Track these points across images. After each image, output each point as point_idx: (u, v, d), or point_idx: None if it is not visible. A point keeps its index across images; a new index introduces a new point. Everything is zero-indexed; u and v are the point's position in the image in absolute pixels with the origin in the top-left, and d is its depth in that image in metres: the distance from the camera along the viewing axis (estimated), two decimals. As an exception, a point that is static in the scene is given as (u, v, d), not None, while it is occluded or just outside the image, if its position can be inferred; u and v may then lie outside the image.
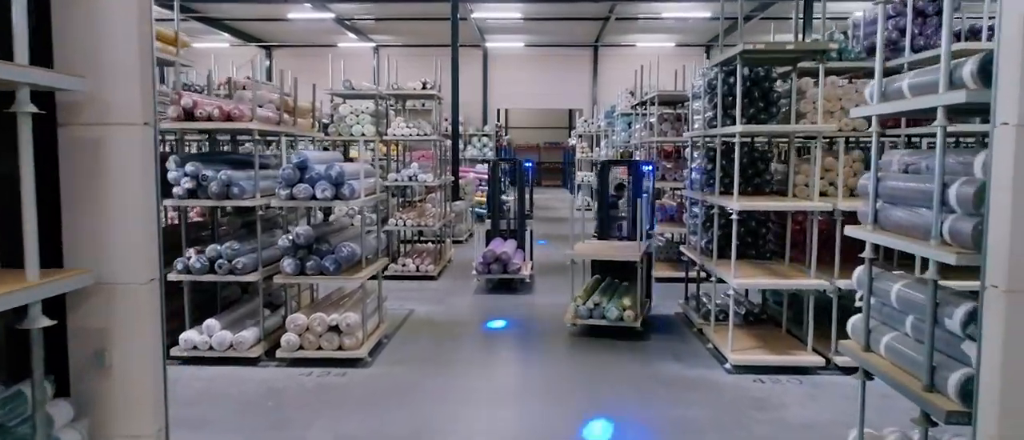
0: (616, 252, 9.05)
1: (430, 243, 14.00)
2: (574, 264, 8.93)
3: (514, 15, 23.79)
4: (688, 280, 9.61)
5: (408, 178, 12.32)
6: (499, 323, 9.13)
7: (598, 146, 23.93)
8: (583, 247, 9.22)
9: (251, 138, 7.39)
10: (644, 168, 10.77)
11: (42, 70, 2.73)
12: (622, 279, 9.26)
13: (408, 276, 11.89)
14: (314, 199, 7.01)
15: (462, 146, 26.00)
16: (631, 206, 9.97)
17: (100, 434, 3.10)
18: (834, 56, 8.15)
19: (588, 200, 24.91)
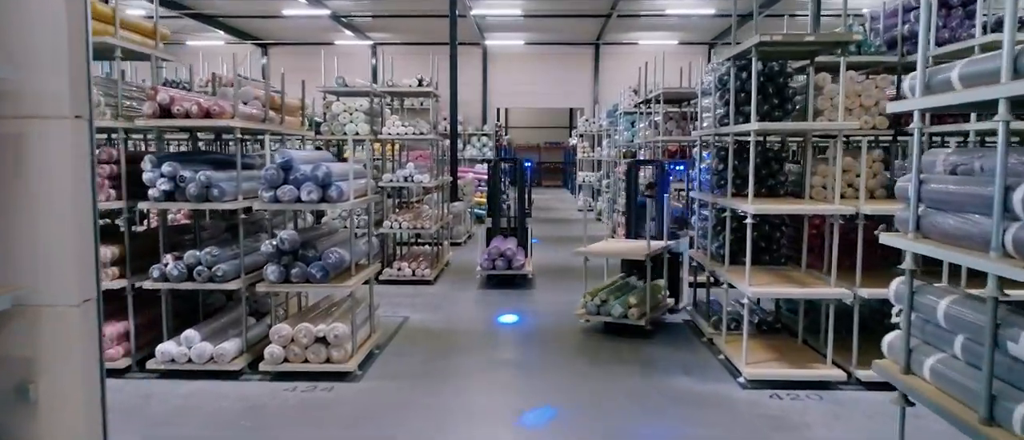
0: (625, 250, 9.14)
1: (427, 246, 13.53)
2: (587, 261, 9.01)
3: (514, 11, 23.33)
4: (696, 286, 9.15)
5: (404, 179, 11.85)
6: (500, 330, 8.67)
7: (600, 146, 23.48)
8: (594, 245, 9.29)
9: (234, 137, 6.93)
10: (675, 167, 10.53)
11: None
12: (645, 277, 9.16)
13: (403, 281, 11.43)
14: (299, 202, 6.55)
15: (461, 146, 25.55)
16: (658, 205, 10.10)
17: (26, 481, 2.64)
18: (853, 50, 7.71)
19: (589, 200, 24.50)
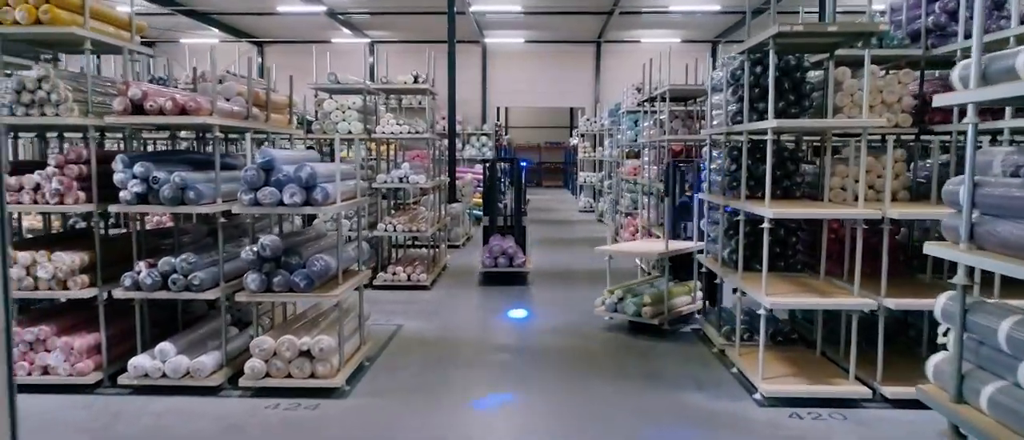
0: (644, 250, 9.41)
1: (424, 249, 13.06)
2: (611, 259, 9.36)
3: (514, 8, 22.84)
4: (706, 293, 8.68)
5: (399, 180, 11.38)
6: (498, 340, 8.20)
7: (601, 146, 23.03)
8: (615, 246, 9.79)
9: (213, 135, 6.45)
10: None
11: None
12: (683, 278, 9.44)
13: (398, 286, 10.95)
14: (281, 205, 6.08)
15: (460, 146, 25.11)
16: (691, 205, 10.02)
17: None
18: (874, 43, 7.24)
19: (590, 201, 24.03)
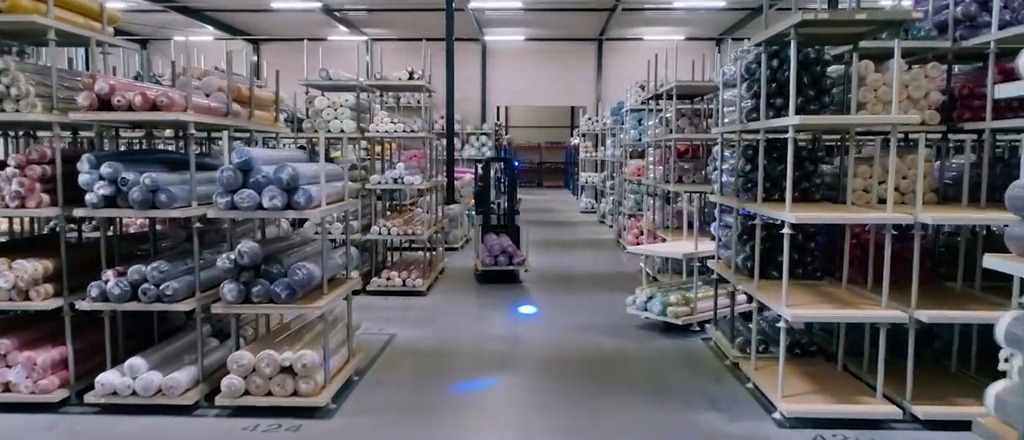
0: (672, 250, 9.44)
1: (422, 251, 12.57)
2: (647, 259, 9.87)
3: (514, 4, 22.37)
4: (717, 302, 8.20)
5: (393, 181, 10.89)
6: (497, 350, 7.72)
7: (603, 145, 22.54)
8: (642, 246, 10.05)
9: (189, 134, 5.97)
10: None
11: None
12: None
13: (393, 291, 10.47)
14: (261, 209, 5.60)
15: (459, 145, 24.63)
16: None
17: None
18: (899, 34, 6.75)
19: (592, 202, 23.53)
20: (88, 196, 5.64)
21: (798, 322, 6.41)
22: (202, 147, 8.07)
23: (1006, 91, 3.27)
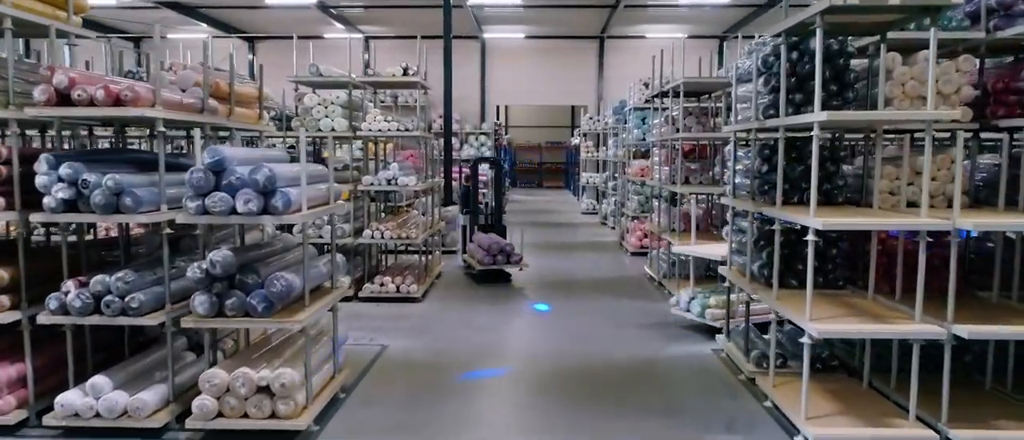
0: (710, 250, 9.14)
1: (417, 255, 12.08)
2: (696, 259, 9.44)
3: (514, 1, 21.87)
4: (729, 312, 7.70)
5: (387, 181, 10.40)
6: (495, 361, 7.22)
7: (604, 145, 22.06)
8: (686, 246, 9.63)
9: (159, 131, 5.47)
10: None
11: None
12: None
13: (386, 298, 9.97)
14: (235, 213, 5.10)
15: (457, 145, 24.10)
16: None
17: None
18: (925, 24, 6.25)
19: (593, 203, 23.02)
20: (46, 199, 5.15)
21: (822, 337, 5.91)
22: (184, 147, 7.59)
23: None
